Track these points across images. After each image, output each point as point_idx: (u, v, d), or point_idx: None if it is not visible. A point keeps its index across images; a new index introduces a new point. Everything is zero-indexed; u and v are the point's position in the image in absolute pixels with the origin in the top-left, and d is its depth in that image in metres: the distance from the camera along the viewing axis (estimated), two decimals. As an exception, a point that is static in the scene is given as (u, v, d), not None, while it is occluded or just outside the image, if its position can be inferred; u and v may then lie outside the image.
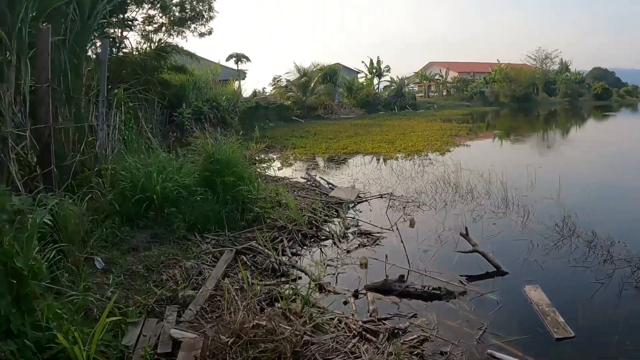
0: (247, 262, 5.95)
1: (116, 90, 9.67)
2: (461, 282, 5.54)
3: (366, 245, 6.88)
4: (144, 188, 6.55)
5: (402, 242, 6.15)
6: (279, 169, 13.63)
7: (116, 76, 12.31)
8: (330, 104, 36.31)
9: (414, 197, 9.56)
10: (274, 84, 38.24)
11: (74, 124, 7.73)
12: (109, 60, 11.74)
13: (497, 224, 7.76)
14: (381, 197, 9.70)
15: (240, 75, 34.75)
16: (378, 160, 15.20)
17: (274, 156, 15.96)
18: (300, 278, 5.69)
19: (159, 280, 5.21)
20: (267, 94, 38.06)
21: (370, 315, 4.72)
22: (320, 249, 6.80)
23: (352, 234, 7.33)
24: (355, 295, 5.26)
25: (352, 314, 4.71)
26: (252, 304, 4.56)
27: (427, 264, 6.11)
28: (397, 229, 6.31)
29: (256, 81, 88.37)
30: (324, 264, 6.08)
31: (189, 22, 18.22)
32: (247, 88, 38.40)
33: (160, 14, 17.40)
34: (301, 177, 11.48)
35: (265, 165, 12.22)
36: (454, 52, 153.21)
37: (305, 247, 6.82)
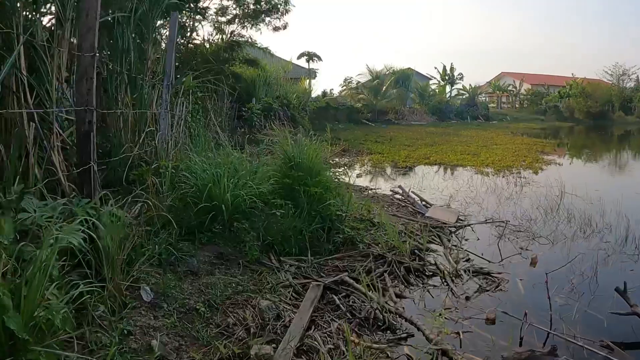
0: (341, 306, 4.43)
1: (184, 79, 8.59)
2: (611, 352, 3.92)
3: (487, 290, 5.22)
4: (210, 195, 5.14)
5: (548, 297, 4.48)
6: (358, 176, 12.15)
7: (185, 65, 11.40)
8: (402, 109, 35.04)
9: (525, 226, 7.77)
10: (345, 85, 37.23)
11: (134, 110, 6.63)
12: (178, 50, 10.89)
13: (635, 271, 5.89)
14: (491, 222, 7.93)
15: (311, 74, 33.91)
16: (466, 174, 13.40)
17: (348, 161, 14.52)
18: (412, 335, 4.14)
19: (225, 325, 3.82)
20: (335, 95, 37.04)
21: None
22: (428, 290, 5.20)
23: (464, 271, 5.67)
24: (493, 370, 3.69)
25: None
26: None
27: (570, 324, 4.41)
28: (547, 277, 4.64)
29: (321, 80, 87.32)
30: (441, 315, 4.47)
31: (263, 15, 17.34)
32: (317, 88, 37.68)
33: (234, 5, 16.67)
34: (390, 190, 9.87)
35: (340, 170, 10.75)
36: (525, 62, 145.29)
37: (410, 287, 5.23)
